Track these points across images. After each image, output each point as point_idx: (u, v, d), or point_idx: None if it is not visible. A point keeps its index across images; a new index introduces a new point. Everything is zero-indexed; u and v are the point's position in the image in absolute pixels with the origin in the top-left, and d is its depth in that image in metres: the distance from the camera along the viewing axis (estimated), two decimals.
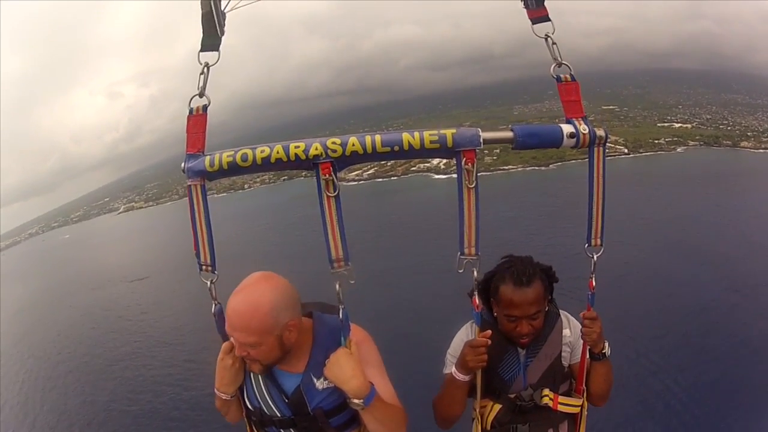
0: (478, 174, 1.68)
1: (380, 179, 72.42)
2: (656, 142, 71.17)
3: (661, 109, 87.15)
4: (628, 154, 66.92)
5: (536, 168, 64.93)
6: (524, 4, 1.80)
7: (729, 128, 76.36)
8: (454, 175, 1.71)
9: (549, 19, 1.77)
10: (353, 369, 1.70)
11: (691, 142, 71.83)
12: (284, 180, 76.00)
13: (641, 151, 68.39)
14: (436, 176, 66.59)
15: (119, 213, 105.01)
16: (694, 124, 79.68)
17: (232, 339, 1.73)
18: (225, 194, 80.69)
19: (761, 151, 66.80)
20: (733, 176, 51.20)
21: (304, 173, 1.70)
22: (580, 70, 1.74)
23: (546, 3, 1.79)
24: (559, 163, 62.87)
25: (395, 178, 72.49)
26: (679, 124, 79.89)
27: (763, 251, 27.32)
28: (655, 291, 23.96)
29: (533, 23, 1.78)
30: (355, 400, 1.68)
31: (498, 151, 64.90)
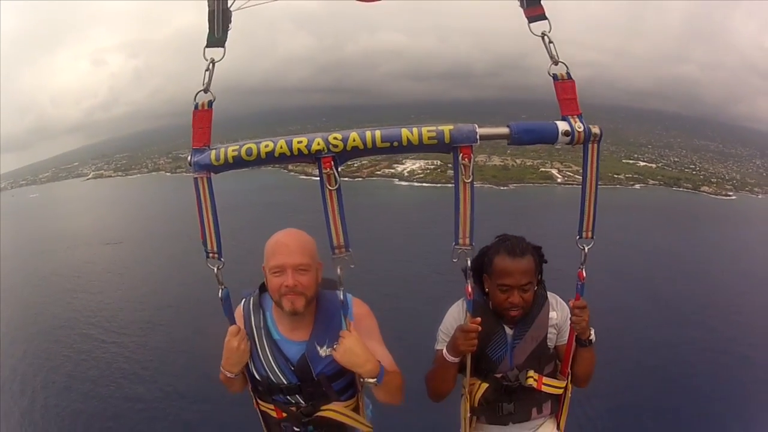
0: (431, 182, 1.91)
1: (345, 178, 71.55)
2: (616, 176, 72.48)
3: (630, 147, 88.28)
4: None
5: (494, 186, 65.53)
6: (520, 3, 1.78)
7: (694, 172, 78.04)
8: (416, 183, 1.97)
9: (546, 18, 1.74)
10: (365, 354, 1.86)
11: (651, 181, 73.57)
12: (251, 168, 75.90)
13: (600, 183, 69.51)
14: (398, 182, 67.77)
15: (87, 179, 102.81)
16: (659, 165, 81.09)
17: (278, 274, 1.87)
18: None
19: (720, 197, 68.72)
20: (675, 213, 53.82)
21: (272, 164, 1.76)
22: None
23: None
24: (518, 185, 64.41)
25: (360, 179, 72.63)
26: (644, 163, 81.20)
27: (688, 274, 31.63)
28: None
29: (530, 22, 1.76)
30: (370, 380, 1.88)
31: None
